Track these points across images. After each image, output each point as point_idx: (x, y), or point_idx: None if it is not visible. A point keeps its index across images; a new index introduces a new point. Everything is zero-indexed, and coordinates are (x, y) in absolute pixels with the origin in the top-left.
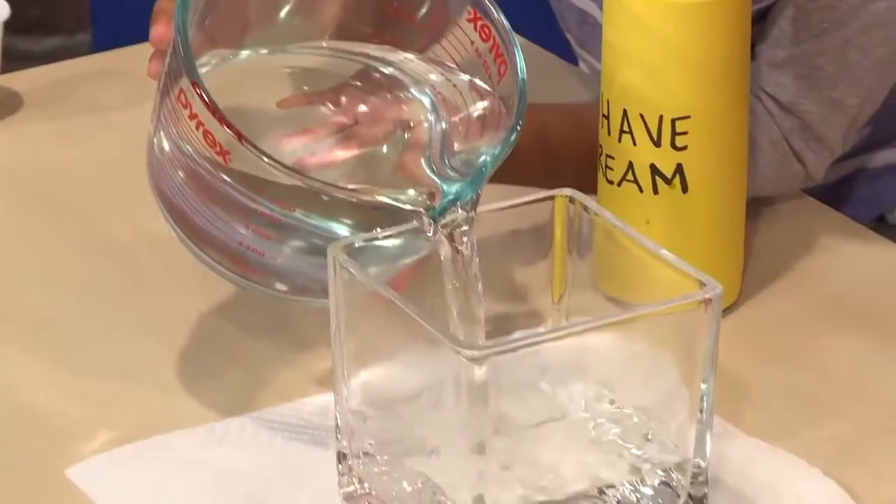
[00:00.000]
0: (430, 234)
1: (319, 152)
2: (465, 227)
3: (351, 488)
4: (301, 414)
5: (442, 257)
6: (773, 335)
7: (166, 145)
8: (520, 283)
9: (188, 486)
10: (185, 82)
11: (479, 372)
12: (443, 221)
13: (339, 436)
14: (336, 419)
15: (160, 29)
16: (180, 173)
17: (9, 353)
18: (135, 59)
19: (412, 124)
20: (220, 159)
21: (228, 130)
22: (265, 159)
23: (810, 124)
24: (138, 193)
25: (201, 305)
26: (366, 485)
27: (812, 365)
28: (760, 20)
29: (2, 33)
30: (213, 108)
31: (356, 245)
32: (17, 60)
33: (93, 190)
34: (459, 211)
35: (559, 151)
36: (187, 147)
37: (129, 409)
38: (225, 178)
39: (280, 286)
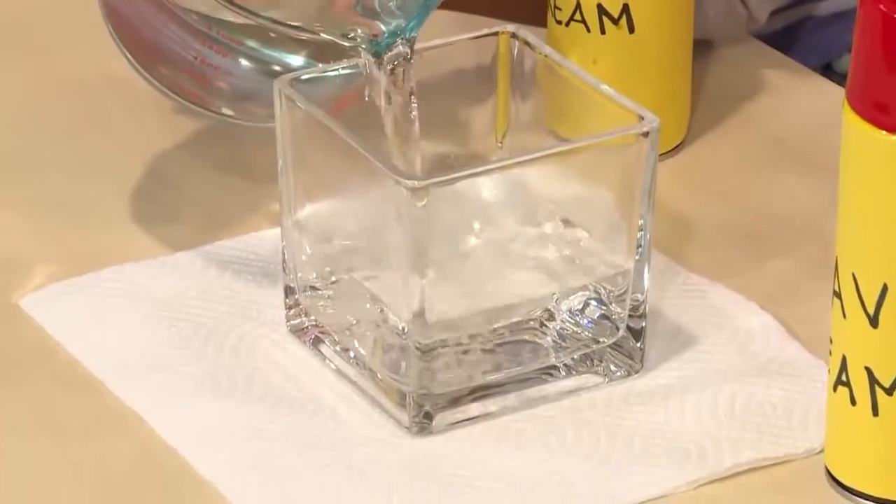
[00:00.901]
0: (369, 71)
1: None
2: (404, 65)
3: (297, 321)
4: (251, 248)
5: (379, 96)
6: (718, 175)
7: None
8: (462, 123)
9: (138, 315)
10: None
11: (420, 204)
12: (385, 57)
13: (285, 269)
14: (282, 253)
15: None
16: None
17: None
18: None
19: None
20: None
21: None
22: None
23: None
24: (96, 29)
25: (156, 143)
26: (312, 317)
27: (754, 204)
28: None
29: None
30: None
31: (303, 78)
32: None
33: (50, 26)
34: (400, 48)
35: None
36: None
37: (82, 243)
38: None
39: (227, 111)
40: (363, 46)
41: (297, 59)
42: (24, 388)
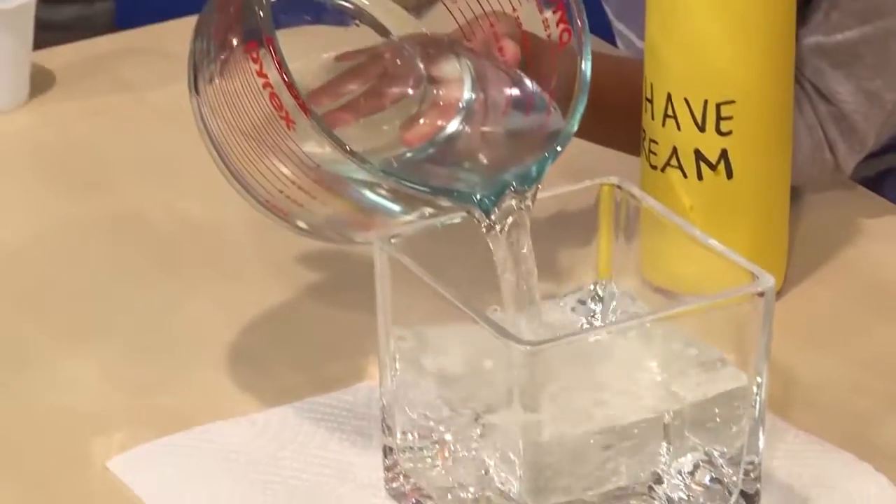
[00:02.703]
0: (483, 227)
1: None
2: (518, 221)
3: (397, 483)
4: (344, 404)
5: (494, 250)
6: (819, 324)
7: (217, 81)
8: (565, 268)
9: (229, 478)
10: (257, 36)
11: (534, 365)
12: (496, 214)
13: (384, 430)
14: (382, 412)
15: None
16: (228, 114)
17: (44, 340)
18: (167, 37)
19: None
20: (282, 124)
21: (306, 114)
22: (349, 156)
23: (846, 114)
24: (171, 173)
25: (237, 290)
26: (412, 479)
27: (858, 355)
28: (805, 4)
29: (34, 5)
30: (292, 87)
31: (404, 235)
32: (39, 29)
33: (125, 169)
34: (513, 202)
35: (607, 102)
36: (244, 97)
37: (169, 399)
38: (286, 140)
39: (303, 225)
40: (474, 201)
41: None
42: None
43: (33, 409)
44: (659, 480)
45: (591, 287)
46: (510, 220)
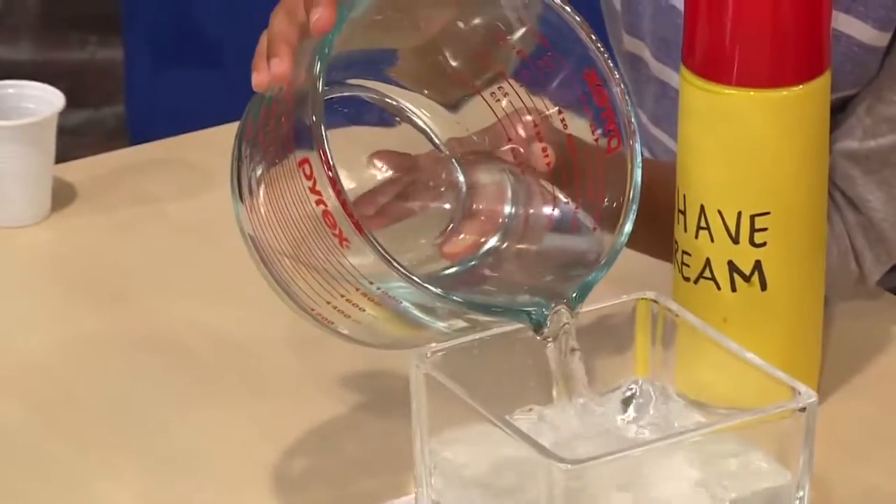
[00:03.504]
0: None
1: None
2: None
3: None
4: None
5: (551, 362)
6: (855, 435)
7: (265, 190)
8: (603, 375)
9: None
10: (312, 153)
11: (574, 484)
12: (549, 328)
13: None
14: None
15: (284, 65)
16: (276, 224)
17: (73, 456)
18: (187, 149)
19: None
20: (335, 241)
21: (362, 235)
22: (403, 274)
23: (875, 223)
24: (193, 286)
25: (267, 406)
26: None
27: (894, 465)
28: (838, 110)
29: (57, 118)
30: (348, 207)
31: (439, 352)
32: None
33: (147, 283)
34: (564, 317)
35: (657, 210)
36: (294, 211)
37: None
38: (338, 257)
39: (345, 331)
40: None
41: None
42: None
43: None
44: None
45: (632, 387)
46: (561, 334)
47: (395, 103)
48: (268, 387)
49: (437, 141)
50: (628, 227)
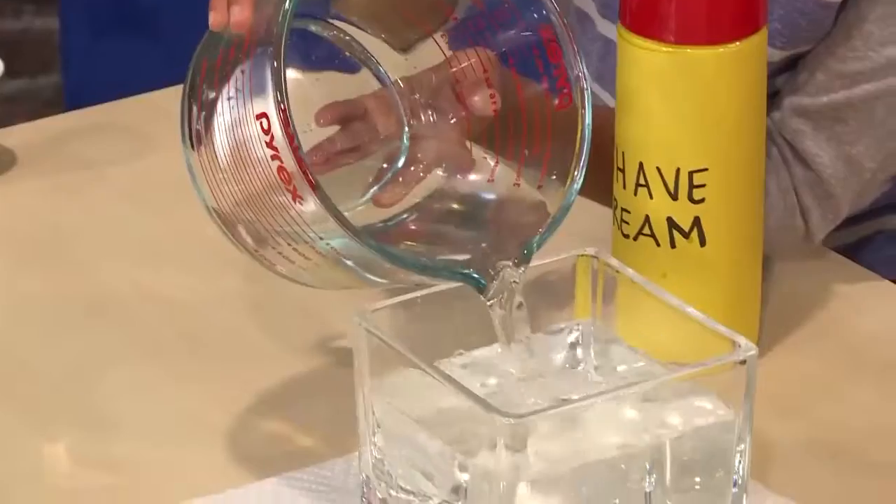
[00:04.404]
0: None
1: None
2: (515, 297)
3: None
4: (322, 479)
5: (494, 319)
6: (794, 389)
7: (218, 140)
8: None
9: None
10: (271, 107)
11: (518, 437)
12: (493, 289)
13: (364, 503)
14: (361, 486)
15: (245, 13)
16: (228, 172)
17: (15, 422)
18: (125, 113)
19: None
20: (288, 196)
21: (319, 199)
22: (358, 240)
23: (823, 179)
24: (134, 249)
25: (210, 367)
26: None
27: (834, 419)
28: (791, 66)
29: None
30: (303, 164)
31: (381, 308)
32: None
33: (88, 246)
34: (509, 277)
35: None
36: (249, 163)
37: (146, 478)
38: (289, 210)
39: (284, 272)
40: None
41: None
42: None
43: (6, 491)
44: None
45: (573, 329)
46: (506, 293)
47: (353, 45)
48: (210, 348)
49: (388, 83)
50: (577, 186)
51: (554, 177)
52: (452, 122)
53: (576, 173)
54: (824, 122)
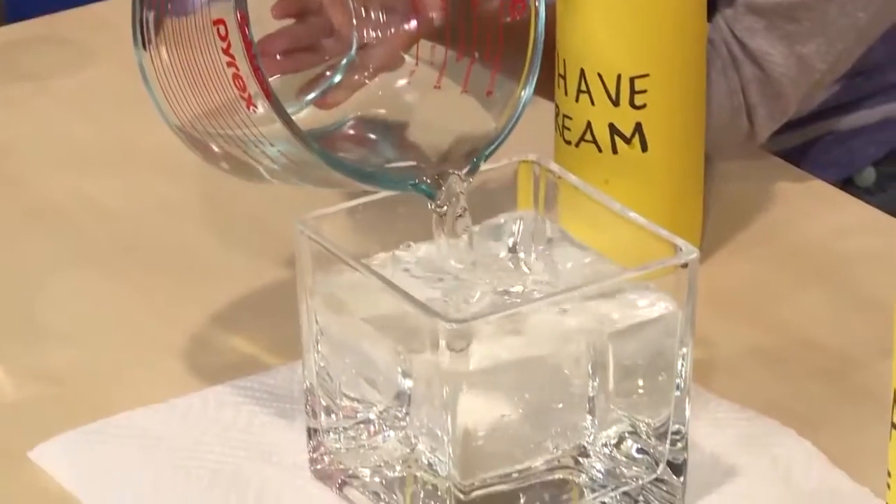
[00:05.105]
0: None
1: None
2: (460, 206)
3: (322, 465)
4: (265, 387)
5: (437, 227)
6: (736, 293)
7: (172, 43)
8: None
9: (154, 464)
10: (228, 13)
11: (460, 341)
12: (441, 198)
13: (308, 411)
14: (305, 394)
15: None
16: (182, 77)
17: None
18: (66, 25)
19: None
20: (242, 104)
21: (273, 107)
22: (311, 150)
23: (773, 78)
24: (75, 159)
25: (152, 278)
26: (337, 460)
27: (777, 322)
28: None
29: None
30: (258, 71)
31: (323, 215)
32: None
33: (31, 157)
34: (457, 186)
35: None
36: (204, 70)
37: (89, 387)
38: (242, 117)
39: (226, 167)
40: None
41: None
42: None
43: None
44: (585, 453)
45: (515, 222)
46: (452, 201)
47: None
48: (152, 257)
49: None
50: (528, 94)
51: (503, 87)
52: (402, 25)
53: (526, 83)
54: (777, 20)
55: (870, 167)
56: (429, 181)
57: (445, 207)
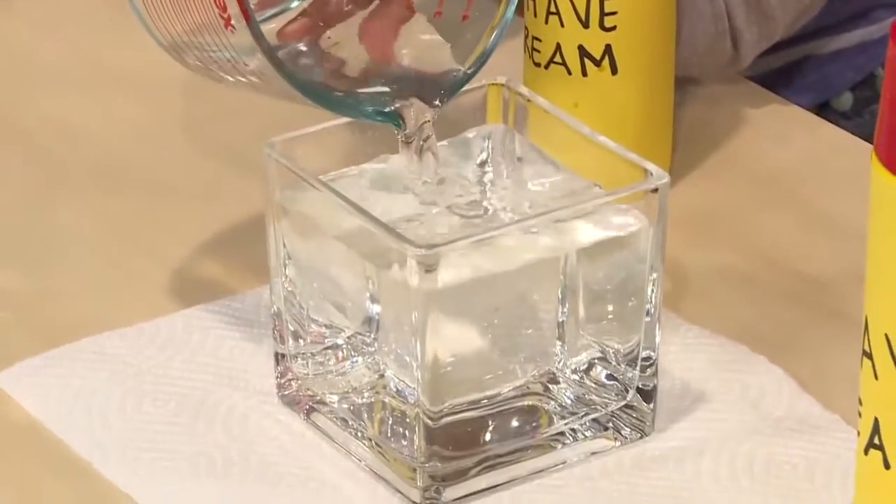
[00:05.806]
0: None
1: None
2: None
3: (289, 391)
4: (233, 311)
5: (404, 153)
6: (706, 217)
7: None
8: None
9: (121, 389)
10: None
11: (429, 270)
12: (411, 128)
13: (275, 336)
14: (273, 319)
15: None
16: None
17: None
18: None
19: None
20: (220, 23)
21: (251, 30)
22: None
23: (761, 1)
24: (43, 81)
25: (117, 200)
26: (305, 386)
27: (747, 246)
28: None
29: None
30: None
31: (292, 137)
32: None
33: None
34: (425, 114)
35: None
36: None
37: (54, 311)
38: (220, 36)
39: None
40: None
41: None
42: (4, 472)
43: None
44: (554, 380)
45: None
46: (422, 128)
47: None
48: (117, 178)
49: None
50: (508, 17)
51: (479, 10)
52: None
53: (506, 7)
54: None
55: (847, 92)
56: (399, 109)
57: (413, 135)
